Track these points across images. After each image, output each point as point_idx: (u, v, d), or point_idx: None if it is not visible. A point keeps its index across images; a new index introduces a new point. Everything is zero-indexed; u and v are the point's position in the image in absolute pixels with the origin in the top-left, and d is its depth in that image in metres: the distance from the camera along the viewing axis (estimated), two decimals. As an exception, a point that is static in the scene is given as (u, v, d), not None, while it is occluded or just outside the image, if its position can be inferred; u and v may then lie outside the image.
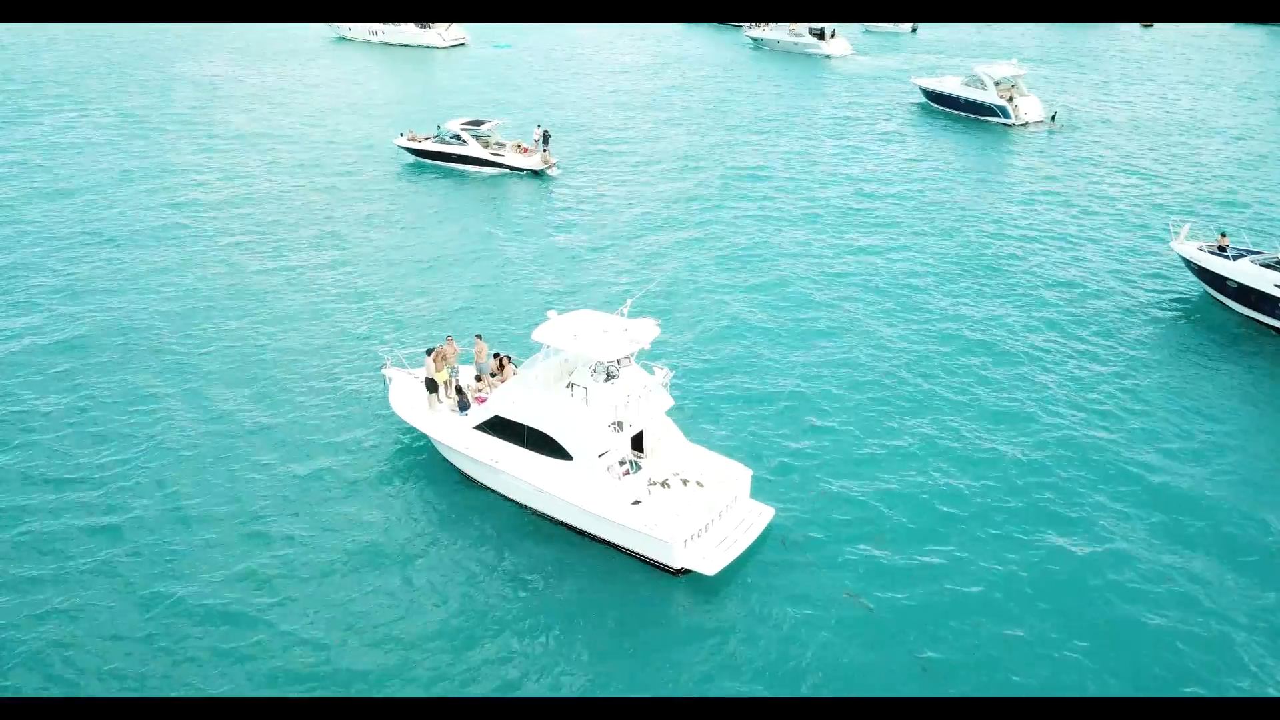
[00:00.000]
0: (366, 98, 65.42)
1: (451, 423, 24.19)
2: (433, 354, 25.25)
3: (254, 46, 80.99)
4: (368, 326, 32.85)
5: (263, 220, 42.64)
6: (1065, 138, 58.34)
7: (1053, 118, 61.21)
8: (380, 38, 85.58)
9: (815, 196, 47.10)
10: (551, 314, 23.10)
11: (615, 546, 21.81)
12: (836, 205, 45.82)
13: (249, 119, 58.88)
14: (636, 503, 21.73)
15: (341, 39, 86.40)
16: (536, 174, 49.56)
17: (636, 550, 21.45)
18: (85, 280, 36.04)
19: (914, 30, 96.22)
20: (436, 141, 51.00)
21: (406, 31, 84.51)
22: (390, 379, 26.53)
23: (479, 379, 25.63)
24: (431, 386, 25.01)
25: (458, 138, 50.47)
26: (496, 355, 25.93)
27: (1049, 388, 29.34)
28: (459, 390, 24.68)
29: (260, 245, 39.93)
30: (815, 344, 31.86)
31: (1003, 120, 61.45)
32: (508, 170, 49.93)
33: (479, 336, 26.28)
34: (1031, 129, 60.38)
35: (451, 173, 49.98)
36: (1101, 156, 54.20)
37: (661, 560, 21.08)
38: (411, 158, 51.72)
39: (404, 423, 25.68)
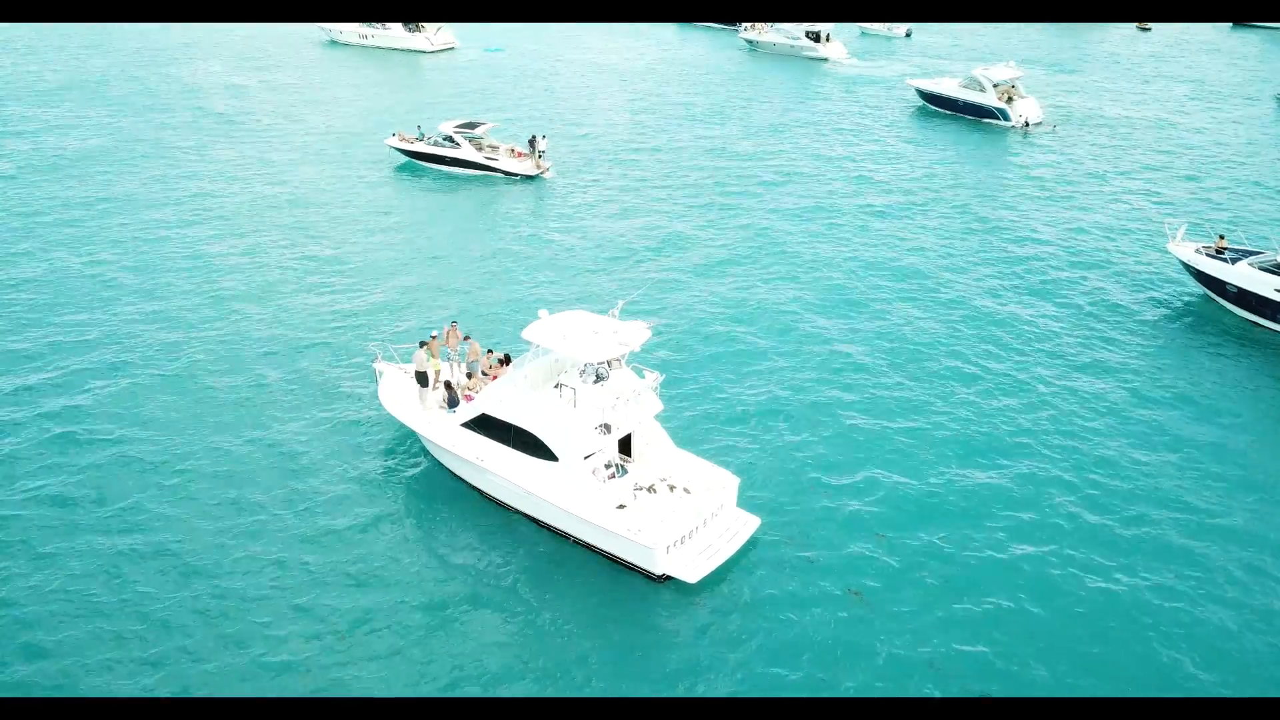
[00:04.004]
0: (357, 101, 64.56)
1: (439, 419, 23.99)
2: (425, 346, 25.13)
3: (249, 50, 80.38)
4: (357, 325, 32.65)
5: (256, 221, 42.23)
6: (1062, 139, 58.27)
7: (1026, 124, 61.53)
8: (370, 41, 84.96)
9: (811, 199, 46.88)
10: (543, 313, 22.87)
11: (598, 551, 21.60)
12: (834, 208, 45.60)
13: (242, 123, 57.97)
14: (621, 507, 21.56)
15: (334, 43, 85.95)
16: (530, 178, 49.20)
17: (619, 555, 21.27)
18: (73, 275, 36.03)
19: (909, 34, 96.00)
20: (430, 144, 50.30)
21: (395, 35, 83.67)
22: (380, 374, 26.36)
23: (470, 376, 25.43)
24: (422, 380, 24.86)
25: (451, 140, 49.84)
26: (490, 352, 25.75)
27: (1045, 390, 29.12)
28: (447, 385, 24.46)
29: (253, 246, 39.58)
30: (809, 351, 31.64)
31: (1002, 122, 61.92)
32: (501, 174, 49.52)
33: (468, 337, 26.13)
34: (1030, 131, 60.62)
35: (444, 175, 49.45)
36: (1099, 157, 54.18)
37: (643, 566, 20.89)
38: (403, 159, 51.16)
39: (393, 419, 25.51)
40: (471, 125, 50.80)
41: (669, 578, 20.81)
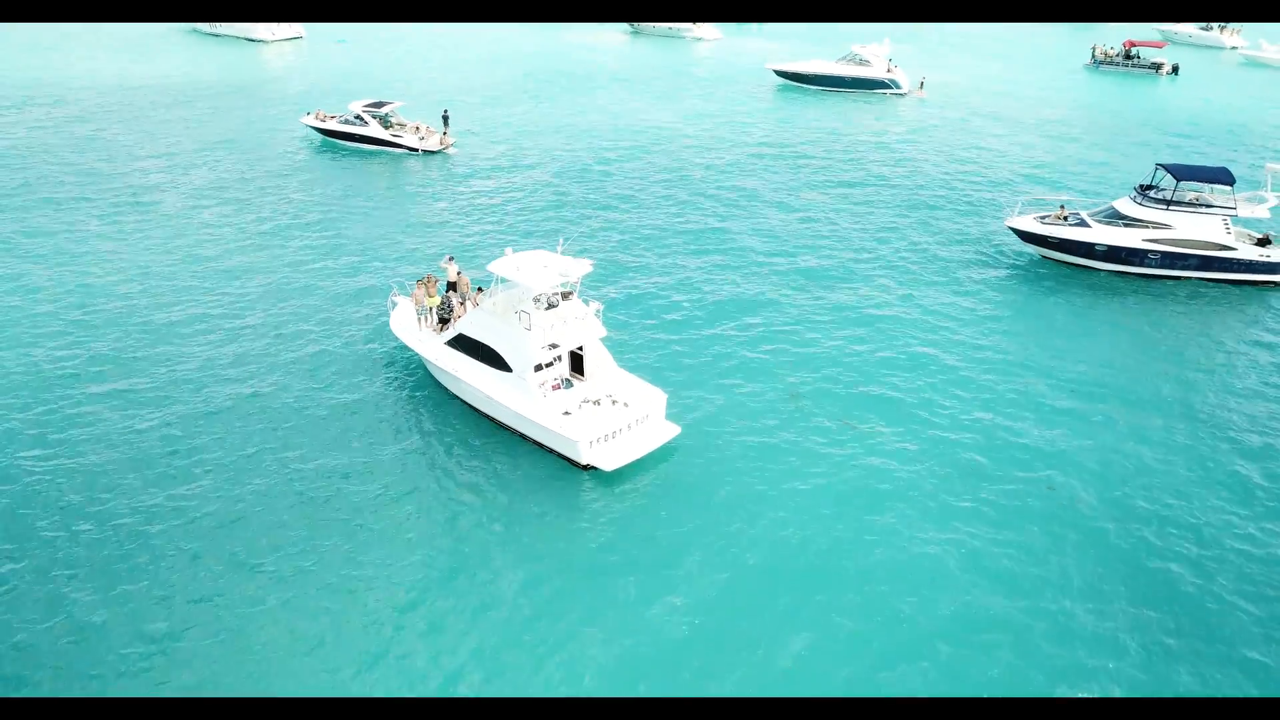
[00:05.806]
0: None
1: (430, 339, 29.23)
2: (421, 284, 30.37)
3: (110, 39, 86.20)
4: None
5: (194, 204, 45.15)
6: (931, 108, 70.21)
7: (922, 88, 74.83)
8: (218, 29, 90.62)
9: (694, 162, 54.57)
10: (508, 250, 27.69)
11: (540, 445, 26.44)
12: (722, 170, 53.37)
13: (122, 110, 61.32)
14: (567, 413, 26.28)
15: (195, 30, 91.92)
16: (433, 153, 54.30)
17: (555, 448, 26.09)
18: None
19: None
20: (340, 122, 55.44)
21: (239, 24, 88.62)
22: (395, 304, 31.76)
23: (462, 304, 30.39)
24: (421, 310, 30.12)
25: (360, 119, 54.98)
26: (480, 290, 30.74)
27: (929, 351, 33.11)
28: (440, 310, 29.63)
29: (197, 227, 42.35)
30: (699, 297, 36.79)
31: (894, 92, 74.74)
32: (407, 150, 54.57)
33: (460, 272, 31.36)
34: (909, 98, 73.90)
35: (353, 150, 54.68)
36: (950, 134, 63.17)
37: (571, 456, 25.65)
38: (319, 137, 56.36)
39: (399, 340, 30.93)
40: (379, 105, 56.03)
41: (592, 467, 25.48)
